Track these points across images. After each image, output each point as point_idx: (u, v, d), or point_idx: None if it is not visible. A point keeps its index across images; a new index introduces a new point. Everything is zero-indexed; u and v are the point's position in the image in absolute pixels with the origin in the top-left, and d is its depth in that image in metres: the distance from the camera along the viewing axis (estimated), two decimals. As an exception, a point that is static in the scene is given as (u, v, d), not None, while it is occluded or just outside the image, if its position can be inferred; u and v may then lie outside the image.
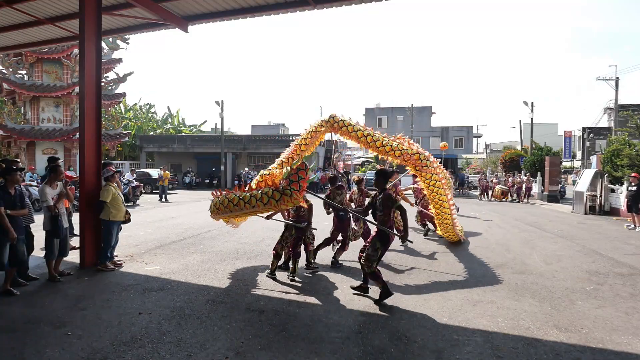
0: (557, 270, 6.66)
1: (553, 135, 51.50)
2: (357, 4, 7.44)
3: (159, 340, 3.82)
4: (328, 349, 3.70)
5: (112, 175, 6.54)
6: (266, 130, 52.74)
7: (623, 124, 23.26)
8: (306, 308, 4.76)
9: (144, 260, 6.94)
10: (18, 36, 10.05)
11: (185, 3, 7.86)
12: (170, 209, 15.44)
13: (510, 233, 10.56)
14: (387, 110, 49.12)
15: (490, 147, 50.58)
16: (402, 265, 6.88)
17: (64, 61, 22.11)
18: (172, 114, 44.84)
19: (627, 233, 10.95)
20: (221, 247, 8.08)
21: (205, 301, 4.93)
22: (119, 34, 9.77)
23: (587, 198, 15.62)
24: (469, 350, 3.71)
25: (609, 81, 30.80)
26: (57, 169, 5.95)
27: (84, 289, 5.39)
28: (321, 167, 31.30)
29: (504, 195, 21.95)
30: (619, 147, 16.31)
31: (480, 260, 7.38)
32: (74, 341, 3.80)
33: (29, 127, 21.72)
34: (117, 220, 6.48)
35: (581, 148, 39.30)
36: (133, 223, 10.63)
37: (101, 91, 7.06)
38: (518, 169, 27.50)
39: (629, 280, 6.15)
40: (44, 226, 5.79)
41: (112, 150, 24.01)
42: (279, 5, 7.66)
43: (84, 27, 6.70)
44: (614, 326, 4.35)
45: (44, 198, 5.68)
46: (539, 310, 4.77)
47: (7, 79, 21.01)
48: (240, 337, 3.91)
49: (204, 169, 32.48)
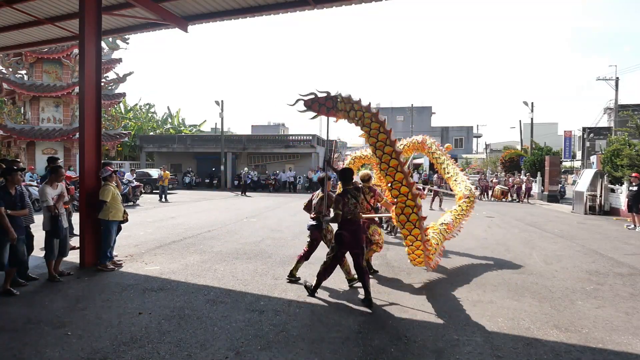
0: (557, 270, 6.66)
1: (553, 135, 51.50)
2: (357, 3, 7.44)
3: (159, 340, 3.82)
4: (328, 349, 3.70)
5: (110, 175, 6.54)
6: (266, 130, 52.75)
7: (623, 124, 23.26)
8: (306, 308, 4.76)
9: (144, 260, 6.94)
10: (18, 36, 10.04)
11: (185, 3, 7.86)
12: (170, 209, 15.44)
13: (510, 233, 10.56)
14: (387, 110, 49.10)
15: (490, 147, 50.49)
16: (402, 265, 6.87)
17: (64, 61, 22.12)
18: (172, 114, 44.85)
19: (627, 233, 10.95)
20: (221, 247, 8.08)
21: (205, 301, 4.93)
22: (119, 34, 9.77)
23: (587, 198, 15.62)
24: (469, 350, 3.71)
25: (609, 81, 30.81)
26: (58, 169, 5.97)
27: (84, 289, 5.39)
28: (321, 167, 31.32)
29: (504, 195, 21.95)
30: (619, 147, 16.31)
31: (480, 260, 7.38)
32: (74, 341, 3.80)
33: (29, 127, 21.73)
34: (116, 220, 6.48)
35: (581, 148, 39.31)
36: (133, 223, 10.66)
37: (101, 91, 7.06)
38: (518, 169, 27.49)
39: (629, 280, 6.15)
40: (43, 226, 5.79)
41: (112, 150, 24.02)
42: (279, 5, 7.66)
43: (84, 27, 6.69)
44: (614, 326, 4.35)
45: (44, 198, 5.67)
46: (539, 310, 4.77)
47: (7, 79, 21.02)
48: (240, 337, 3.91)
49: (204, 169, 32.48)
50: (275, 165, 31.51)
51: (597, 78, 31.78)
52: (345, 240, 4.97)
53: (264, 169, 31.77)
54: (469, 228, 11.27)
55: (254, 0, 7.60)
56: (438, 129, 46.83)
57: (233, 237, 9.21)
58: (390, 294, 5.31)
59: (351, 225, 4.98)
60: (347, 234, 4.96)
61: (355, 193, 5.04)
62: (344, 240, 4.97)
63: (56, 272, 5.84)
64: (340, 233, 4.97)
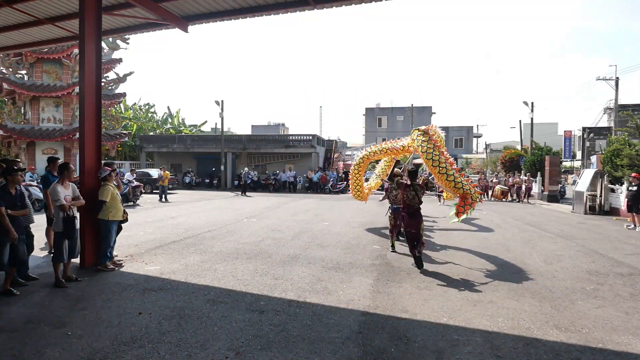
0: (557, 270, 6.67)
1: (553, 135, 51.52)
2: (357, 3, 7.44)
3: (159, 340, 3.82)
4: (328, 349, 3.70)
5: (110, 175, 6.51)
6: (266, 130, 52.84)
7: (623, 124, 23.26)
8: (306, 308, 4.76)
9: (144, 260, 6.94)
10: (18, 36, 10.05)
11: (185, 3, 7.86)
12: (170, 209, 15.44)
13: (510, 233, 10.56)
14: (387, 110, 49.18)
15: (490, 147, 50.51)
16: (402, 265, 6.87)
17: (64, 61, 22.12)
18: (172, 114, 44.86)
19: (627, 233, 10.95)
20: (221, 247, 8.08)
21: (205, 301, 4.93)
22: (119, 34, 9.77)
23: (587, 198, 15.61)
24: (469, 350, 3.71)
25: (609, 81, 30.82)
26: (67, 167, 5.79)
27: (84, 289, 5.39)
28: (321, 167, 31.33)
29: (504, 195, 21.95)
30: (619, 147, 16.31)
31: (480, 260, 7.38)
32: (74, 341, 3.80)
33: (29, 127, 21.73)
34: (116, 219, 6.47)
35: (581, 148, 39.34)
36: (133, 223, 10.66)
37: (101, 91, 7.06)
38: (518, 169, 27.49)
39: (629, 280, 6.15)
40: (54, 227, 5.65)
41: (112, 150, 24.03)
42: (279, 5, 7.66)
43: (84, 27, 6.69)
44: (614, 326, 4.35)
45: (56, 197, 5.46)
46: (539, 310, 4.77)
47: (7, 79, 21.02)
48: (240, 337, 3.91)
49: (204, 169, 32.49)
50: (275, 165, 31.52)
51: (597, 78, 31.75)
52: (405, 220, 6.90)
53: (264, 169, 31.78)
54: (469, 228, 11.27)
55: (254, 0, 7.60)
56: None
57: (233, 237, 9.21)
58: (390, 294, 5.31)
59: (409, 209, 6.84)
60: (405, 215, 6.88)
61: (416, 187, 6.83)
62: (405, 220, 6.92)
63: (65, 277, 5.63)
64: (402, 216, 7.05)
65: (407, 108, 44.06)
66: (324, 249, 8.02)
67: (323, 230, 10.40)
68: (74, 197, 5.77)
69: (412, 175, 7.07)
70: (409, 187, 6.83)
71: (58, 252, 5.56)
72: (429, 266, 6.80)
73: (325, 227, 10.98)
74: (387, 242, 8.81)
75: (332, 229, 10.58)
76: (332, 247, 8.27)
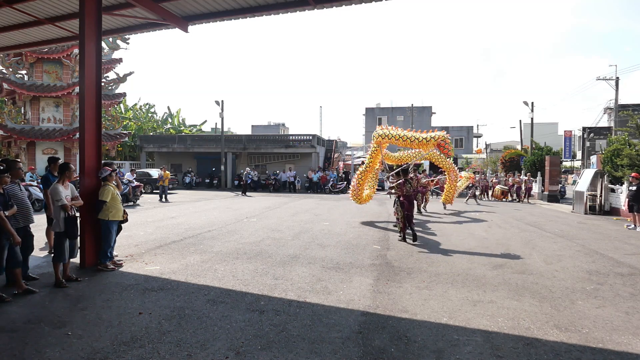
0: (557, 270, 6.66)
1: (553, 135, 51.49)
2: (357, 4, 7.44)
3: (159, 340, 3.82)
4: (328, 349, 3.70)
5: (110, 175, 6.51)
6: (266, 130, 52.79)
7: (623, 123, 23.25)
8: (306, 308, 4.76)
9: (144, 260, 6.94)
10: (18, 36, 10.05)
11: (185, 3, 7.86)
12: (170, 209, 15.44)
13: (510, 233, 10.56)
14: (387, 110, 49.12)
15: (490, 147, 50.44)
16: (402, 265, 6.87)
17: (64, 61, 22.12)
18: (172, 114, 44.84)
19: (627, 233, 10.95)
20: (221, 247, 8.08)
21: (206, 301, 4.93)
22: (119, 34, 9.77)
23: (587, 198, 15.61)
24: (469, 350, 3.71)
25: (609, 81, 30.81)
26: (68, 167, 5.77)
27: (84, 289, 5.39)
28: (321, 167, 31.33)
29: (504, 195, 21.95)
30: (619, 147, 16.31)
31: (480, 260, 7.38)
32: (74, 341, 3.80)
33: (29, 127, 21.73)
34: (116, 219, 6.47)
35: (581, 148, 39.34)
36: (133, 223, 10.67)
37: (101, 91, 7.05)
38: (518, 169, 27.49)
39: (629, 280, 6.15)
40: (54, 227, 5.63)
41: (112, 150, 24.03)
42: (279, 5, 7.66)
43: (84, 27, 6.69)
44: (614, 326, 4.35)
45: (57, 197, 5.44)
46: (539, 310, 4.77)
47: (7, 79, 21.02)
48: (241, 337, 3.91)
49: (204, 168, 32.49)
50: (276, 165, 31.52)
51: (597, 78, 31.76)
52: (404, 205, 9.15)
53: (264, 169, 31.78)
54: (469, 228, 11.27)
55: (254, 0, 7.60)
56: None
57: (233, 237, 9.21)
58: (390, 294, 5.31)
59: (407, 198, 9.22)
60: (406, 203, 9.17)
61: (410, 182, 9.52)
62: (404, 205, 9.16)
63: (65, 277, 5.62)
64: (402, 202, 9.20)
65: (407, 108, 44.03)
66: (324, 249, 8.02)
67: (323, 230, 10.40)
68: (73, 197, 5.78)
69: (404, 172, 9.46)
70: (406, 181, 9.33)
71: (59, 252, 5.54)
72: (429, 266, 6.81)
73: (325, 227, 10.98)
74: (387, 242, 8.83)
75: (332, 229, 10.58)
76: (332, 247, 8.28)
